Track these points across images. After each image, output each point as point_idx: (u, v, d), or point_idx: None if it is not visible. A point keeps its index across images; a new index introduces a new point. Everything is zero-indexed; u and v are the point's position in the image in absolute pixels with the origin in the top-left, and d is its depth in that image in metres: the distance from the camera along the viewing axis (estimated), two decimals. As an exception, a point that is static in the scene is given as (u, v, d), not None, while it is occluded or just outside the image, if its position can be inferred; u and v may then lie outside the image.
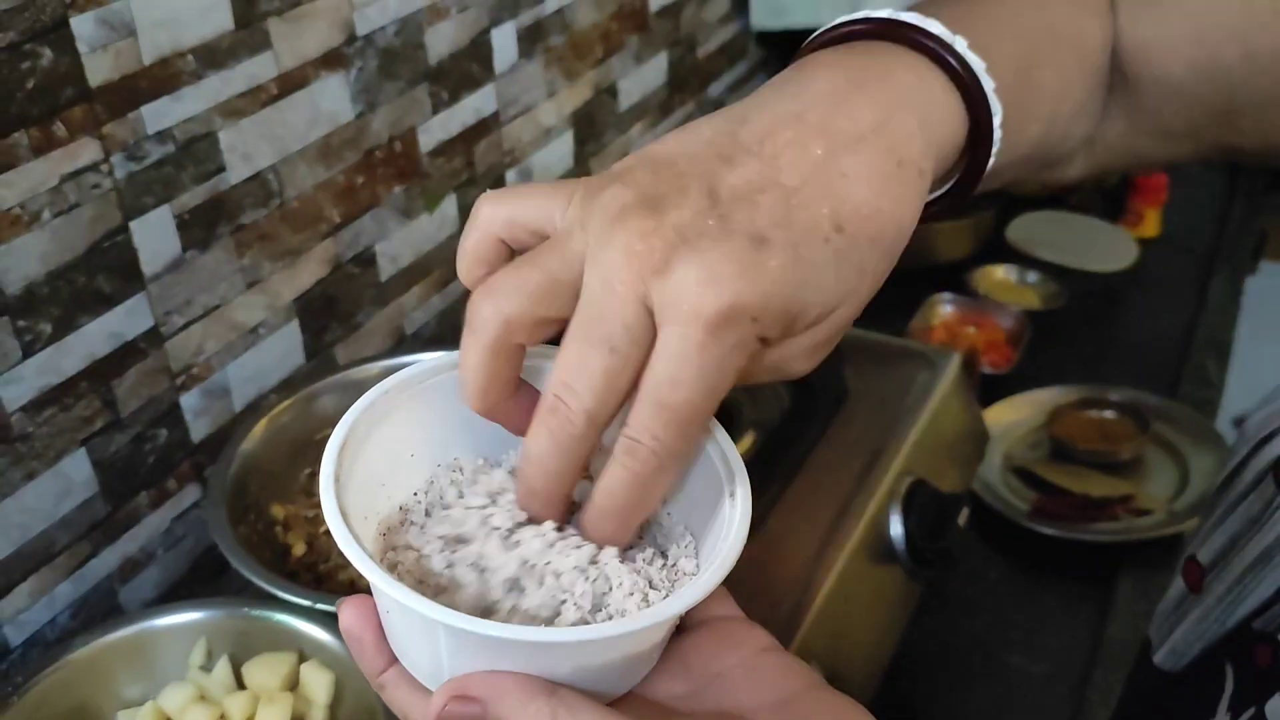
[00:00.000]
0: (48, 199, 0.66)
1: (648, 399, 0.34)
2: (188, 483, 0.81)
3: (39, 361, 0.68)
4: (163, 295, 0.75)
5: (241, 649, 0.63)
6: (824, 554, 0.76)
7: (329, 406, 0.75)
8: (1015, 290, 1.26)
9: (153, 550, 0.79)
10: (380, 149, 0.90)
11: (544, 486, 0.36)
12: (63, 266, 0.68)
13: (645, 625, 0.34)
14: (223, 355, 0.81)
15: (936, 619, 0.87)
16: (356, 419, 0.38)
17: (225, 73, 0.75)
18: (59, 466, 0.71)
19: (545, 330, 0.36)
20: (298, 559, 0.70)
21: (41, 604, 0.72)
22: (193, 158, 0.74)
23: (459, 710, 0.34)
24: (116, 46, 0.68)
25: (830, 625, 0.73)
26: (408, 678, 0.37)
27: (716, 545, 0.37)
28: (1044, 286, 1.25)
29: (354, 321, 0.92)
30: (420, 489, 0.40)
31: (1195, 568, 0.52)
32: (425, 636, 0.35)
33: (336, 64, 0.84)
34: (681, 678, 0.38)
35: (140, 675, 0.63)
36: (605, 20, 1.16)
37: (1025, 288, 1.26)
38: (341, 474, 0.37)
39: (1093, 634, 0.86)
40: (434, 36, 0.93)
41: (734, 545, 0.36)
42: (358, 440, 0.38)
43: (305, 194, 0.84)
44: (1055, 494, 0.98)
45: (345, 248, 0.89)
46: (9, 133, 0.63)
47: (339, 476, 0.37)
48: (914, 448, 0.85)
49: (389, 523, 0.39)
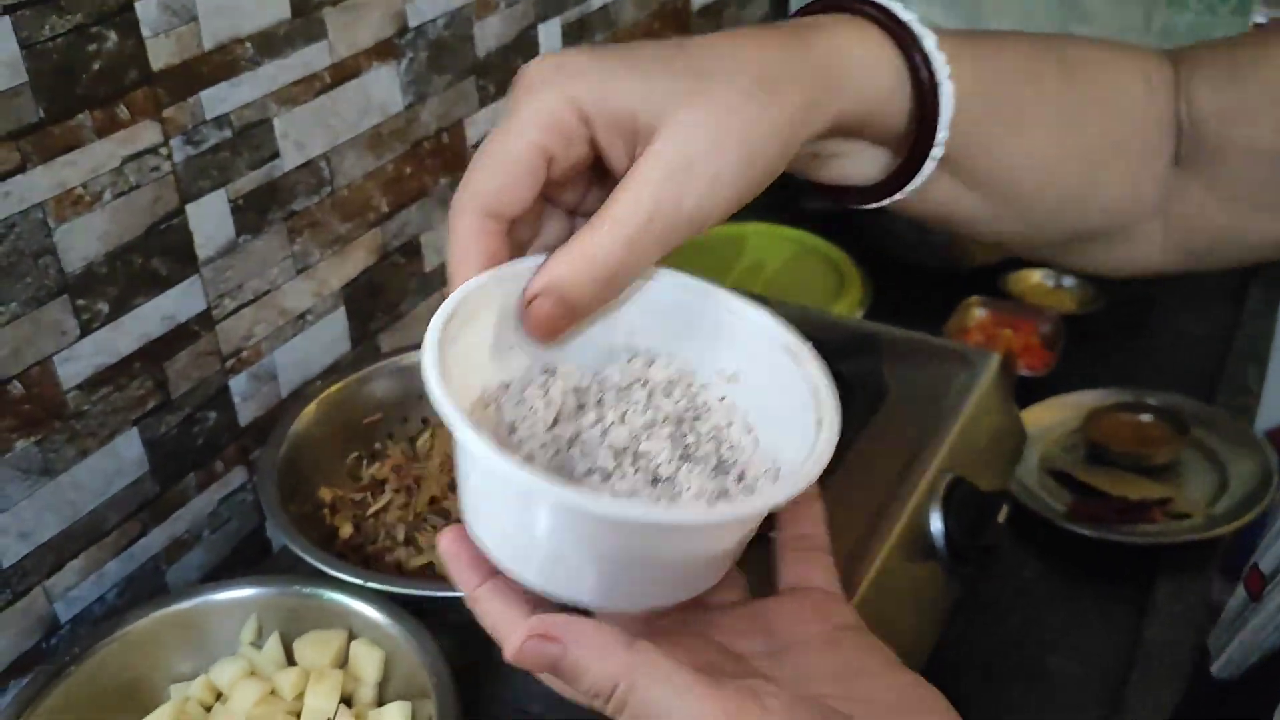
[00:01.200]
0: (109, 180, 0.67)
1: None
2: (234, 466, 0.82)
3: (96, 340, 0.69)
4: (215, 279, 0.76)
5: (292, 626, 0.64)
6: (864, 550, 0.76)
7: (377, 392, 0.76)
8: (1050, 294, 1.26)
9: (199, 532, 0.80)
10: (428, 140, 0.91)
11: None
12: (121, 247, 0.69)
13: (729, 516, 0.36)
14: (271, 340, 0.82)
15: (973, 618, 0.87)
16: (465, 296, 0.38)
17: (281, 60, 0.76)
18: (112, 445, 0.72)
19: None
20: (344, 541, 0.70)
21: (90, 581, 0.73)
22: (248, 143, 0.75)
23: (539, 648, 0.35)
24: (178, 32, 0.69)
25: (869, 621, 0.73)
26: (500, 595, 0.38)
27: (800, 467, 0.37)
28: (1079, 290, 1.25)
29: (398, 310, 0.93)
30: (512, 379, 0.41)
31: (1258, 576, 0.52)
32: (517, 508, 0.36)
33: (388, 55, 0.85)
34: (764, 636, 0.39)
35: (192, 650, 0.64)
36: (648, 18, 1.17)
37: (1060, 291, 1.26)
38: (445, 344, 0.37)
39: (1130, 636, 0.86)
40: (482, 30, 0.94)
41: (816, 462, 0.37)
42: (461, 319, 0.38)
43: (355, 182, 0.85)
44: (1092, 496, 0.98)
45: (392, 237, 0.90)
46: (74, 114, 0.64)
47: (442, 344, 0.37)
48: (953, 446, 0.85)
49: (478, 403, 0.40)
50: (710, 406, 0.42)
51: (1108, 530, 0.93)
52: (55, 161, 0.64)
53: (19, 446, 0.66)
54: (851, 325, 1.00)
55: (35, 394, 0.66)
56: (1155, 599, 0.88)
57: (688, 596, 0.39)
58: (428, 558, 0.67)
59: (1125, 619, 0.88)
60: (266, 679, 0.62)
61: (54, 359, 0.67)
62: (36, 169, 0.63)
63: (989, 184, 0.47)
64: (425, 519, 0.70)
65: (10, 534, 0.67)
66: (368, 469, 0.75)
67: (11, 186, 0.62)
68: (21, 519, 0.67)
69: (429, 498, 0.71)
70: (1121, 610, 0.89)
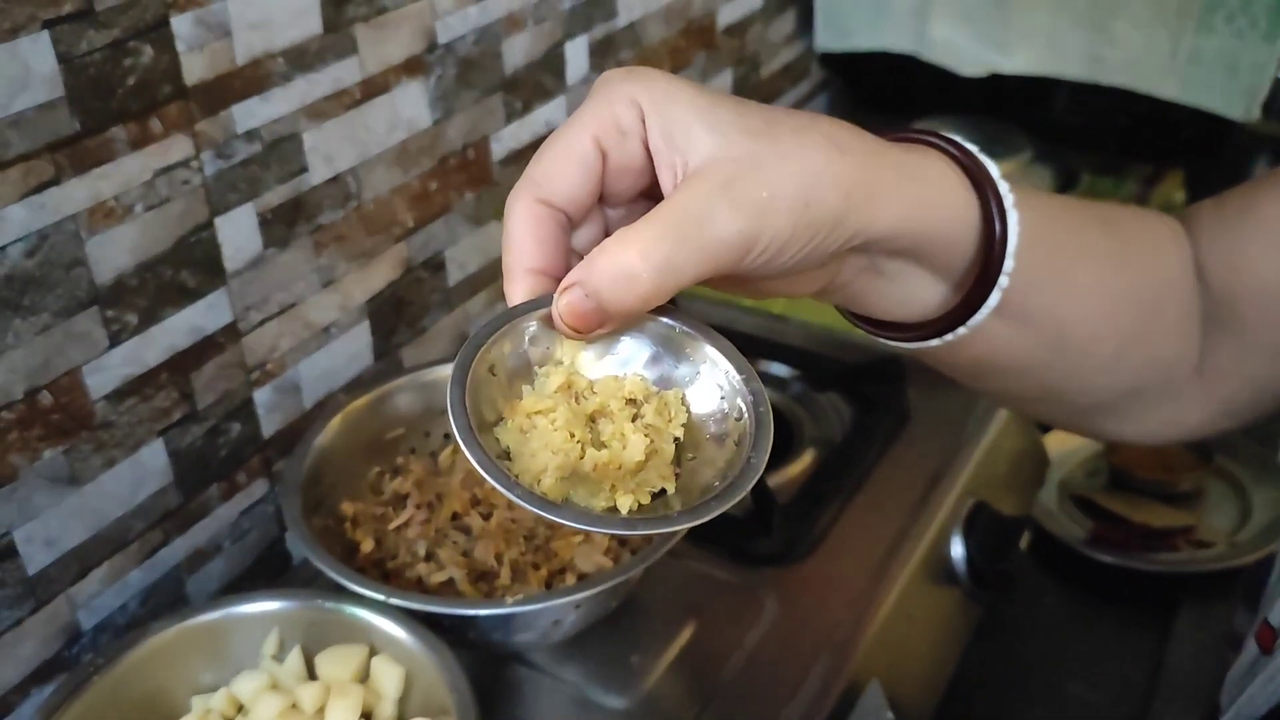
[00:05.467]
0: (140, 193, 0.68)
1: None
2: (256, 477, 0.82)
3: (124, 351, 0.70)
4: (242, 291, 0.76)
5: (313, 640, 0.64)
6: (884, 573, 0.76)
7: (400, 406, 0.77)
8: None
9: (220, 542, 0.81)
10: (454, 156, 0.92)
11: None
12: (151, 259, 0.70)
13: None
14: (296, 353, 0.82)
15: (994, 643, 0.87)
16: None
17: (312, 75, 0.76)
18: (137, 455, 0.72)
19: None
20: (365, 556, 0.70)
21: (113, 589, 0.74)
22: (278, 157, 0.76)
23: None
24: (212, 46, 0.69)
25: (889, 644, 0.73)
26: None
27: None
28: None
29: (420, 325, 0.94)
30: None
31: (1269, 631, 0.52)
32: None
33: (417, 70, 0.85)
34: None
35: (214, 662, 0.64)
36: (674, 37, 1.17)
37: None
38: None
39: (1152, 664, 0.85)
40: (510, 47, 0.94)
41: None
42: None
43: (381, 197, 0.85)
44: (1114, 522, 0.97)
45: (416, 251, 0.91)
46: (108, 127, 0.65)
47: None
48: (975, 470, 0.85)
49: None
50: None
51: (1129, 558, 0.92)
52: (89, 174, 0.64)
53: (46, 455, 0.67)
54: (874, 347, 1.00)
55: (63, 403, 0.67)
56: (1177, 627, 0.88)
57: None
58: (449, 574, 0.67)
59: (1146, 646, 0.88)
60: (288, 693, 0.62)
61: (83, 369, 0.67)
62: (70, 181, 0.63)
63: (1044, 329, 0.46)
64: (446, 535, 0.70)
65: (36, 542, 0.67)
66: (390, 483, 0.75)
67: (46, 198, 0.62)
68: (48, 527, 0.68)
69: (451, 513, 0.71)
70: (1142, 638, 0.89)
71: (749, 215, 0.37)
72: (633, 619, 0.71)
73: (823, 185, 0.38)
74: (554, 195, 0.40)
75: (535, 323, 0.41)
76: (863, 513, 0.81)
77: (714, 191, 0.37)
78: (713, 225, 0.37)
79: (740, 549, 0.76)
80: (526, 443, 0.39)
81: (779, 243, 0.38)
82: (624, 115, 0.39)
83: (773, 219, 0.38)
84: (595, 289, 0.38)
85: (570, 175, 0.40)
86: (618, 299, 0.38)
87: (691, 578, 0.74)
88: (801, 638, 0.70)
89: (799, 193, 0.38)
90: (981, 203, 0.43)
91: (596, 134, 0.39)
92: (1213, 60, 1.20)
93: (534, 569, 0.67)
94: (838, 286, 0.45)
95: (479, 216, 0.96)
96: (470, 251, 0.97)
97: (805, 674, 0.68)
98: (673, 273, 0.37)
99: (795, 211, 0.38)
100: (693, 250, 0.37)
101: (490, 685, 0.66)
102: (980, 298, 0.43)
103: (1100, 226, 0.48)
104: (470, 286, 0.98)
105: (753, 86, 1.37)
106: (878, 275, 0.45)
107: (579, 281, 0.38)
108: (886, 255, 0.43)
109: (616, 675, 0.68)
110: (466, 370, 0.39)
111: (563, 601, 0.62)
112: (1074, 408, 0.52)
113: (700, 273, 0.38)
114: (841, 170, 0.39)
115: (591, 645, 0.69)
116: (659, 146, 0.40)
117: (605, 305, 0.38)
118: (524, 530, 0.70)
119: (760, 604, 0.73)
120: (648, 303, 0.38)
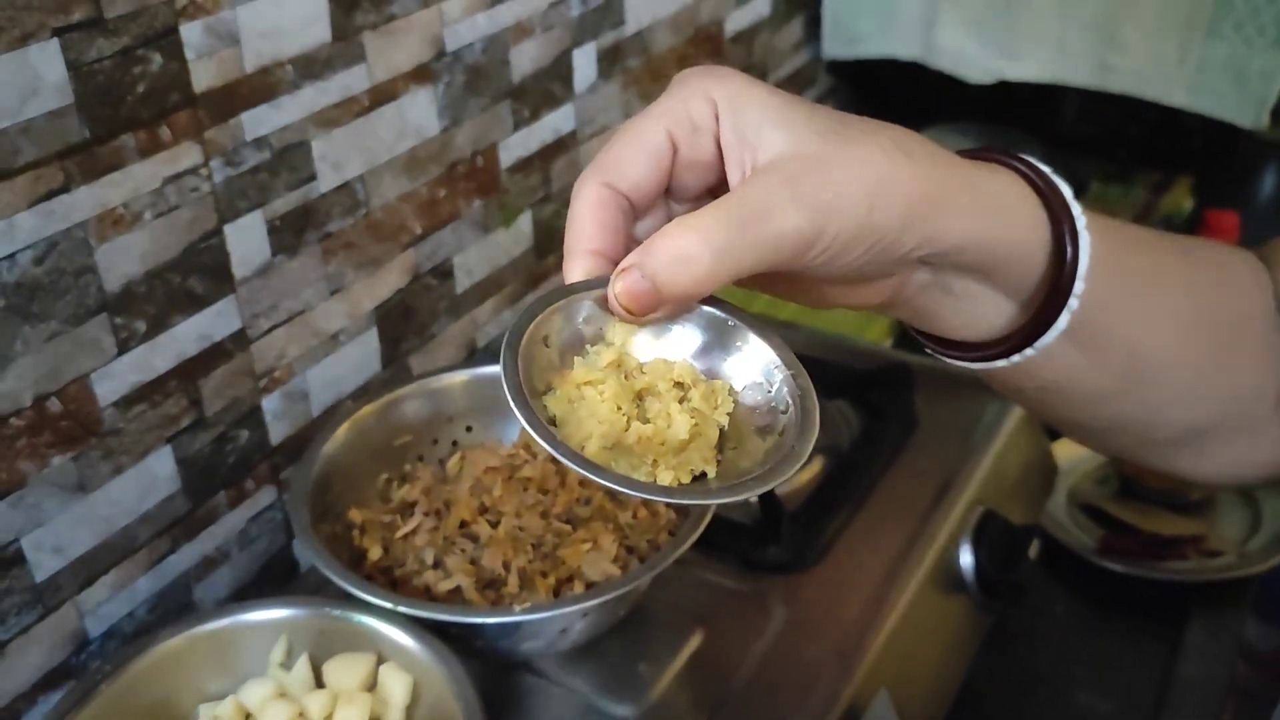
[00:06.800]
0: (149, 200, 0.68)
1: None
2: (264, 484, 0.82)
3: (132, 358, 0.70)
4: (251, 298, 0.76)
5: (321, 648, 0.64)
6: (893, 582, 0.75)
7: (408, 413, 0.76)
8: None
9: (228, 550, 0.81)
10: (462, 163, 0.92)
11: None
12: (160, 266, 0.70)
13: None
14: (304, 360, 0.82)
15: (1003, 652, 0.87)
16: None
17: (321, 83, 0.77)
18: (145, 463, 0.72)
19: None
20: (373, 563, 0.70)
21: (121, 597, 0.74)
22: (286, 165, 0.76)
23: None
24: (221, 54, 0.69)
25: (898, 654, 0.73)
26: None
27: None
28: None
29: (429, 332, 0.94)
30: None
31: None
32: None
33: (425, 78, 0.85)
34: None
35: (222, 670, 0.64)
36: (682, 44, 1.17)
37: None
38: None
39: (1162, 674, 0.85)
40: (518, 55, 0.94)
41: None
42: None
43: (389, 204, 0.86)
44: (1124, 531, 0.97)
45: (425, 259, 0.91)
46: (118, 134, 0.65)
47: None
48: (984, 478, 0.85)
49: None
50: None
51: (1139, 566, 0.92)
52: (98, 182, 0.64)
53: (55, 462, 0.67)
54: (882, 353, 1.00)
55: (72, 410, 0.67)
56: (1187, 636, 0.88)
57: None
58: (456, 581, 0.67)
59: (1157, 656, 0.87)
60: (295, 701, 0.62)
61: (91, 376, 0.67)
62: (80, 189, 0.64)
63: (1116, 355, 0.45)
64: (454, 543, 0.70)
65: (45, 549, 0.67)
66: (398, 491, 0.75)
67: (55, 206, 0.63)
68: (56, 534, 0.68)
69: (458, 521, 0.71)
70: (1153, 647, 0.88)
71: (811, 212, 0.38)
72: (640, 627, 0.70)
73: (888, 191, 0.38)
74: (621, 180, 0.41)
75: (590, 303, 0.41)
76: (871, 521, 0.80)
77: (779, 186, 0.38)
78: (774, 218, 0.38)
79: (748, 557, 0.76)
80: (574, 412, 0.40)
81: (841, 243, 0.38)
82: (698, 110, 0.40)
83: (835, 219, 0.38)
84: (653, 271, 0.38)
85: (639, 162, 0.41)
86: (674, 282, 0.38)
87: (699, 586, 0.74)
88: (809, 646, 0.70)
89: (864, 196, 0.38)
90: (1053, 222, 0.42)
91: (669, 126, 0.41)
92: (1221, 68, 1.19)
93: (542, 577, 0.67)
94: (904, 300, 0.45)
95: (487, 224, 0.96)
96: (478, 258, 0.97)
97: (813, 683, 0.67)
98: (730, 260, 0.38)
99: (859, 214, 0.38)
100: (752, 240, 0.38)
101: (497, 693, 0.66)
102: (1049, 319, 0.43)
103: (1175, 255, 0.47)
104: (478, 293, 0.98)
105: (760, 94, 1.37)
106: (945, 292, 0.44)
107: (637, 264, 0.39)
108: (954, 271, 0.43)
109: (624, 684, 0.67)
110: (520, 337, 0.40)
111: (570, 610, 0.62)
112: (1147, 441, 0.50)
113: (758, 263, 0.38)
114: (909, 177, 0.39)
115: (599, 653, 0.69)
116: (730, 142, 0.40)
117: (661, 287, 0.38)
118: (532, 538, 0.69)
119: (768, 612, 0.72)
120: (703, 287, 0.39)
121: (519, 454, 0.76)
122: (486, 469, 0.74)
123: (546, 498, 0.72)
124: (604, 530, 0.69)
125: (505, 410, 0.60)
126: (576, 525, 0.70)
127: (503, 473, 0.74)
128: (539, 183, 1.02)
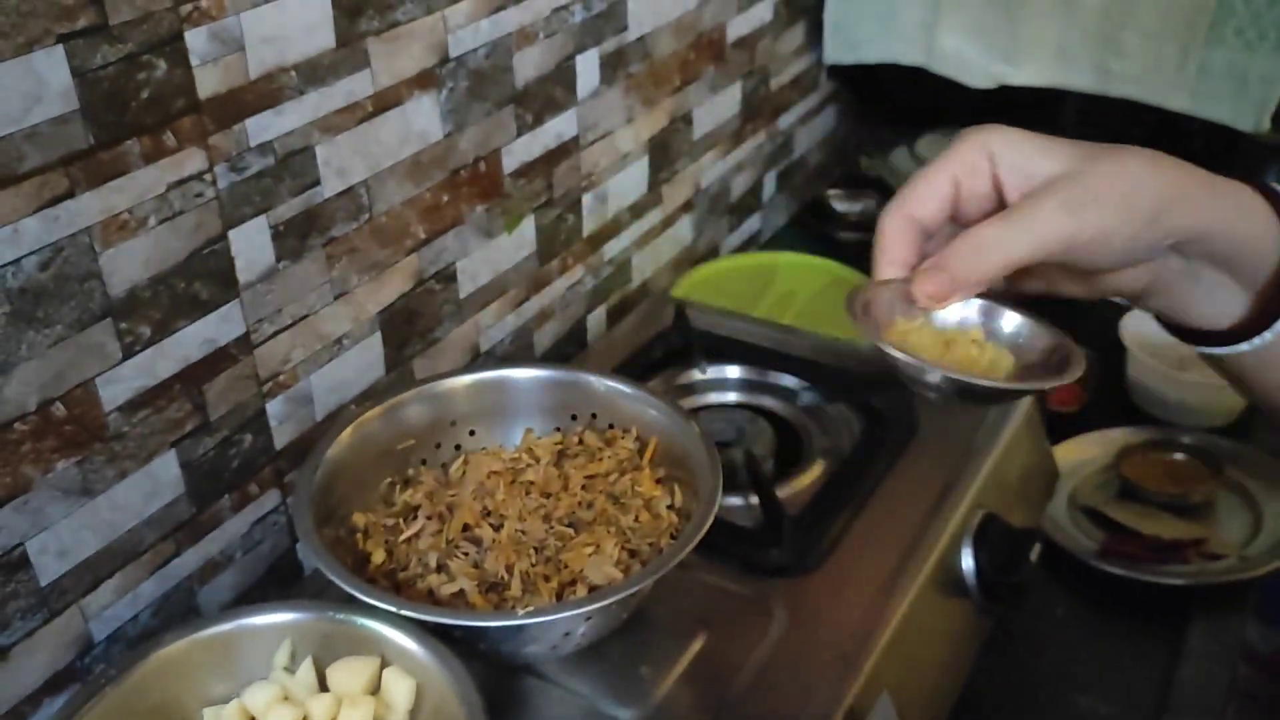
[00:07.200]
0: (154, 206, 0.68)
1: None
2: (268, 489, 0.82)
3: (137, 363, 0.70)
4: (255, 303, 0.77)
5: (325, 652, 0.64)
6: (894, 585, 0.76)
7: (412, 417, 0.77)
8: (1083, 329, 1.25)
9: (232, 553, 0.81)
10: (466, 169, 0.92)
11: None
12: (164, 272, 0.70)
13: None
14: (308, 364, 0.82)
15: (1004, 655, 0.87)
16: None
17: (325, 89, 0.77)
18: (149, 467, 0.73)
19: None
20: (376, 567, 0.71)
21: (125, 600, 0.74)
22: (290, 170, 0.76)
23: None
24: (226, 60, 0.70)
25: (900, 657, 0.73)
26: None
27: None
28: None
29: (432, 336, 0.94)
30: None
31: None
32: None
33: (429, 84, 0.86)
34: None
35: (226, 674, 0.64)
36: (684, 50, 1.18)
37: (1094, 327, 1.26)
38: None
39: (1163, 677, 0.85)
40: (521, 60, 0.95)
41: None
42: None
43: (394, 210, 0.86)
44: (1124, 534, 0.97)
45: (428, 264, 0.91)
46: (122, 140, 0.65)
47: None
48: (985, 482, 0.85)
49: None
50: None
51: (1140, 570, 0.92)
52: (103, 187, 0.65)
53: (59, 467, 0.67)
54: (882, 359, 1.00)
55: (77, 415, 0.67)
56: (1188, 640, 0.88)
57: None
58: (459, 585, 0.67)
59: (1158, 659, 0.88)
60: (299, 704, 0.62)
61: (96, 381, 0.68)
62: (85, 195, 0.64)
63: None
64: (457, 546, 0.70)
65: (50, 553, 0.68)
66: (401, 495, 0.75)
67: (60, 211, 0.63)
68: (60, 538, 0.68)
69: (462, 525, 0.71)
70: (1154, 650, 0.88)
71: (1073, 213, 0.51)
72: (643, 630, 0.71)
73: (1141, 187, 0.52)
74: (916, 209, 0.57)
75: (889, 294, 0.58)
76: (872, 524, 0.80)
77: (1046, 197, 0.52)
78: (1044, 220, 0.52)
79: (750, 561, 0.76)
80: (904, 347, 0.56)
81: (1104, 235, 0.51)
82: (975, 159, 0.55)
83: (1094, 215, 0.51)
84: (948, 264, 0.54)
85: (929, 200, 0.56)
86: (965, 271, 0.53)
87: (701, 589, 0.75)
88: (811, 649, 0.70)
89: (1120, 194, 0.51)
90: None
91: (955, 172, 0.56)
92: (1222, 72, 1.20)
93: (545, 580, 0.67)
94: (1160, 288, 0.57)
95: (490, 228, 0.97)
96: (481, 263, 0.97)
97: (815, 686, 0.68)
98: (1010, 251, 0.52)
99: (1118, 209, 0.51)
100: (1026, 237, 0.52)
101: (500, 696, 0.66)
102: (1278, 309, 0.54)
103: None
104: (482, 298, 0.98)
105: (762, 99, 1.37)
106: (1193, 281, 0.56)
107: (935, 263, 0.55)
108: (1201, 260, 0.55)
109: (626, 686, 0.68)
110: (857, 293, 0.57)
111: (573, 613, 0.62)
112: None
113: (1032, 254, 0.52)
114: (1157, 176, 0.52)
115: (602, 656, 0.69)
116: (1007, 179, 0.54)
117: (955, 276, 0.54)
118: (534, 542, 0.70)
119: (770, 615, 0.73)
120: (988, 275, 0.53)
121: (521, 458, 0.77)
122: (489, 473, 0.75)
123: (549, 501, 0.73)
124: (606, 534, 0.69)
125: (508, 414, 0.77)
126: (579, 529, 0.71)
127: (505, 477, 0.74)
128: (542, 188, 1.02)
